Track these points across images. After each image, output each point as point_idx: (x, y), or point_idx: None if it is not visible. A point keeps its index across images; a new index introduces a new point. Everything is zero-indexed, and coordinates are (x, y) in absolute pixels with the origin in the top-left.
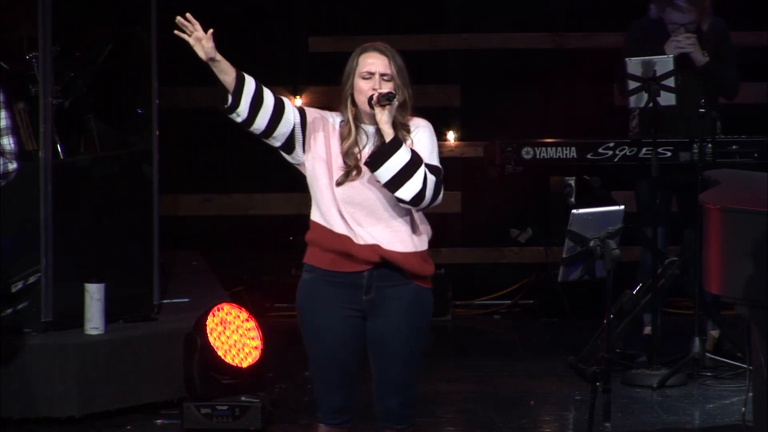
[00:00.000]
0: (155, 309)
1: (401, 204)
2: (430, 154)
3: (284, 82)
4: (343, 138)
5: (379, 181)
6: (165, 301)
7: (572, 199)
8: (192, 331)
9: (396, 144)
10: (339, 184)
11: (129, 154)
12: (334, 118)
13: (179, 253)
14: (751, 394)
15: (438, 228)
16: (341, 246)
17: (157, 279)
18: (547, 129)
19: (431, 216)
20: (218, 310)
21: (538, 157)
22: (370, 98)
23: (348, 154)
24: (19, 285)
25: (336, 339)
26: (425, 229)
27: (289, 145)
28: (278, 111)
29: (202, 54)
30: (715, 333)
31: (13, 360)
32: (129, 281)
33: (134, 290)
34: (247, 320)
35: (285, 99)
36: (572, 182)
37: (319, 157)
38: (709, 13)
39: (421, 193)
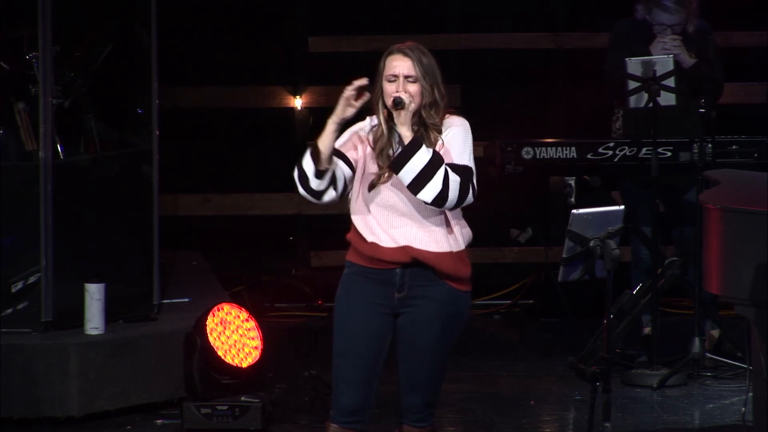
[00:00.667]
0: (155, 309)
1: (426, 205)
2: (460, 153)
3: (284, 82)
4: (375, 140)
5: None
6: (165, 301)
7: (572, 199)
8: (192, 331)
9: (415, 146)
10: (372, 186)
11: (129, 154)
12: (366, 125)
13: (179, 253)
14: (751, 394)
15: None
16: (371, 251)
17: (157, 279)
18: (547, 129)
19: None
20: (218, 310)
21: (538, 157)
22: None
23: (381, 156)
24: (19, 285)
25: (362, 333)
26: (462, 230)
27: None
28: (341, 180)
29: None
30: (715, 333)
31: (13, 360)
32: (129, 281)
33: (134, 290)
34: (247, 320)
35: (336, 160)
36: (572, 182)
37: (359, 167)
38: (695, 14)
39: (443, 194)
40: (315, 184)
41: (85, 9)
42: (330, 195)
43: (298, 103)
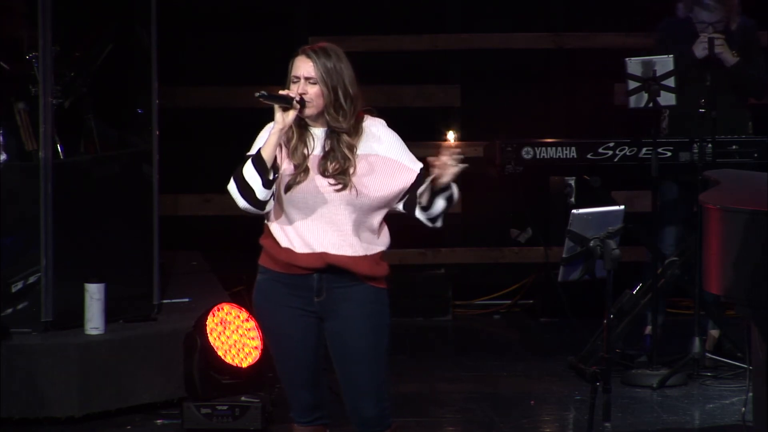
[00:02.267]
0: (155, 309)
1: (340, 207)
2: (412, 161)
3: (284, 82)
4: (288, 141)
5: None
6: (165, 301)
7: (572, 199)
8: (192, 331)
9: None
10: (288, 188)
11: (129, 154)
12: (272, 125)
13: (179, 253)
14: (751, 394)
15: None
16: (285, 257)
17: (157, 279)
18: (547, 129)
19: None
20: (218, 310)
21: (538, 157)
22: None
23: (295, 155)
24: (19, 285)
25: (292, 339)
26: (380, 232)
27: None
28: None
29: None
30: (715, 333)
31: (13, 360)
32: (129, 281)
33: (134, 290)
34: (247, 320)
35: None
36: (572, 182)
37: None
38: (738, 12)
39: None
40: (264, 194)
41: (85, 9)
42: (271, 203)
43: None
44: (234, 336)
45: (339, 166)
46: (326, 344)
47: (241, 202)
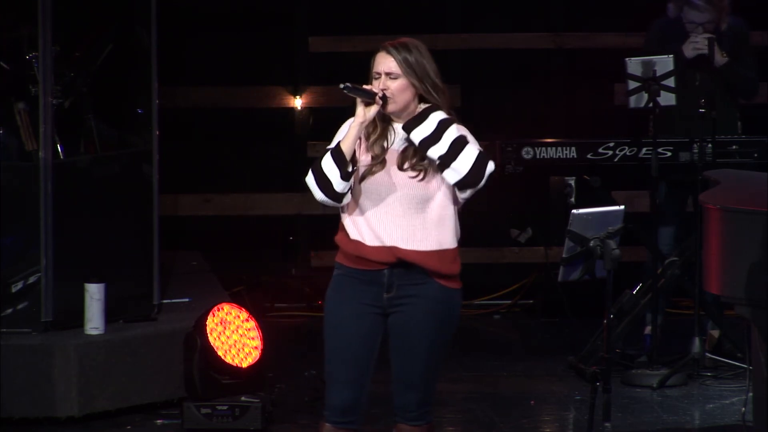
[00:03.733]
0: (155, 309)
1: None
2: (473, 142)
3: (284, 82)
4: (368, 134)
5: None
6: (165, 301)
7: (572, 199)
8: (192, 331)
9: (428, 110)
10: (363, 178)
11: (129, 154)
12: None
13: (179, 253)
14: (751, 394)
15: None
16: (355, 250)
17: (157, 279)
18: (547, 129)
19: None
20: (218, 310)
21: (538, 157)
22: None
23: (374, 146)
24: (19, 285)
25: (352, 332)
26: (453, 227)
27: None
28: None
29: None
30: (715, 333)
31: (13, 360)
32: (129, 281)
33: (134, 290)
34: (247, 320)
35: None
36: (572, 182)
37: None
38: (728, 12)
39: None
40: (341, 187)
41: (85, 9)
42: (348, 197)
43: (298, 103)
44: (234, 336)
45: (417, 159)
46: (383, 345)
47: (318, 195)
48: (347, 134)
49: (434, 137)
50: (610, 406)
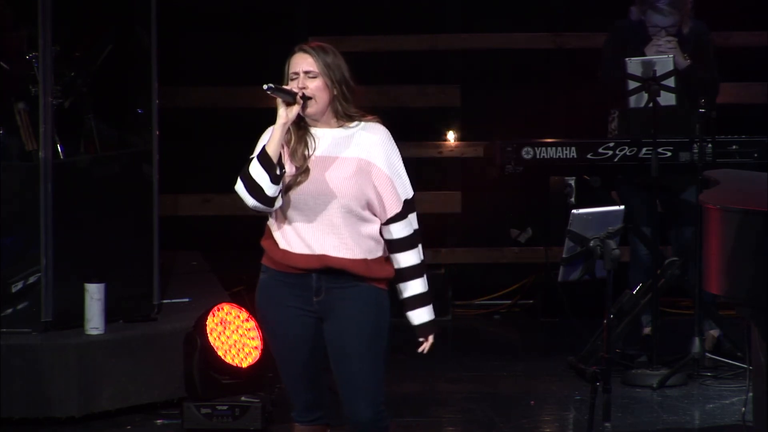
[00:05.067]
0: (155, 309)
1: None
2: (403, 183)
3: (284, 82)
4: (288, 142)
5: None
6: (165, 301)
7: (572, 199)
8: (192, 331)
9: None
10: (288, 189)
11: (129, 154)
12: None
13: (179, 253)
14: (751, 394)
15: (438, 228)
16: (283, 258)
17: (157, 279)
18: (547, 129)
19: (430, 216)
20: (218, 310)
21: (538, 157)
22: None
23: (295, 156)
24: (19, 285)
25: (292, 338)
26: (379, 238)
27: None
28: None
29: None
30: (715, 333)
31: (13, 360)
32: (129, 281)
33: (134, 290)
34: (247, 320)
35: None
36: (572, 182)
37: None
38: (690, 16)
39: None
40: (272, 191)
41: (85, 9)
42: (280, 200)
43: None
44: (234, 336)
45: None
46: (325, 344)
47: (251, 201)
48: (271, 137)
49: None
50: (610, 406)
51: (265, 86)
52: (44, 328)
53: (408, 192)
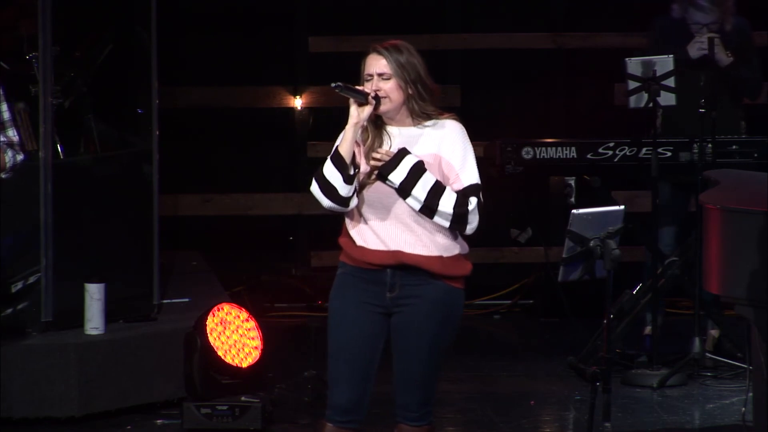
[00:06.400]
0: (155, 309)
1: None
2: (461, 166)
3: (284, 82)
4: (364, 141)
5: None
6: (165, 301)
7: (572, 199)
8: (192, 331)
9: (400, 154)
10: (362, 186)
11: (129, 154)
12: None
13: (179, 253)
14: (751, 394)
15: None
16: (359, 255)
17: (157, 279)
18: (547, 129)
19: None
20: (218, 310)
21: (538, 157)
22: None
23: (369, 155)
24: (19, 285)
25: (356, 332)
26: (456, 238)
27: None
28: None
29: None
30: (715, 333)
31: (13, 360)
32: (129, 281)
33: (134, 290)
34: (247, 320)
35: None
36: (572, 182)
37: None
38: (732, 13)
39: (426, 210)
40: (345, 191)
41: (85, 9)
42: (355, 200)
43: (298, 103)
44: (234, 336)
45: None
46: (385, 347)
47: (326, 202)
48: (344, 137)
49: (410, 182)
50: (610, 406)
51: (333, 84)
52: (44, 328)
53: (473, 178)
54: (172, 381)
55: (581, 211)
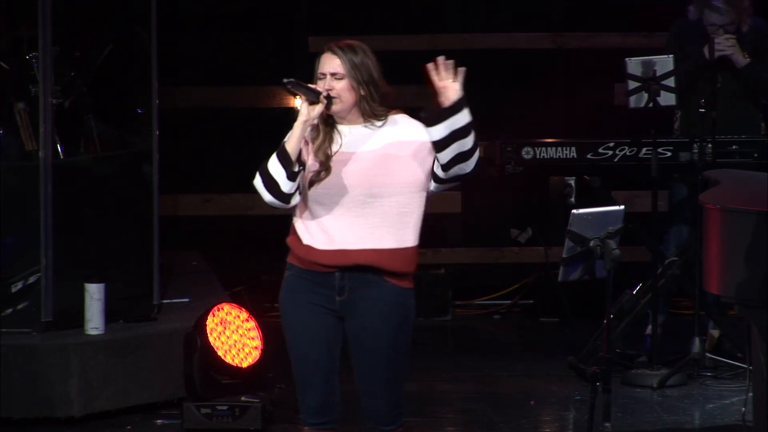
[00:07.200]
0: (155, 309)
1: (366, 201)
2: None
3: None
4: (314, 139)
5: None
6: (165, 301)
7: (572, 199)
8: (192, 331)
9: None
10: (311, 184)
11: (129, 154)
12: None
13: (179, 253)
14: (751, 394)
15: (438, 228)
16: (306, 254)
17: (157, 279)
18: (547, 129)
19: (430, 216)
20: (218, 310)
21: (538, 157)
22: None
23: (319, 152)
24: (19, 285)
25: (311, 337)
26: (410, 227)
27: None
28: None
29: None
30: (715, 333)
31: (13, 360)
32: (129, 281)
33: (134, 290)
34: (247, 320)
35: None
36: (572, 182)
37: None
38: (749, 14)
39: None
40: (288, 187)
41: (85, 9)
42: (297, 197)
43: (298, 103)
44: (234, 336)
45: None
46: (344, 346)
47: (267, 197)
48: (291, 134)
49: (466, 129)
50: (610, 406)
51: (285, 80)
52: (44, 328)
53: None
54: (172, 381)
55: (581, 211)
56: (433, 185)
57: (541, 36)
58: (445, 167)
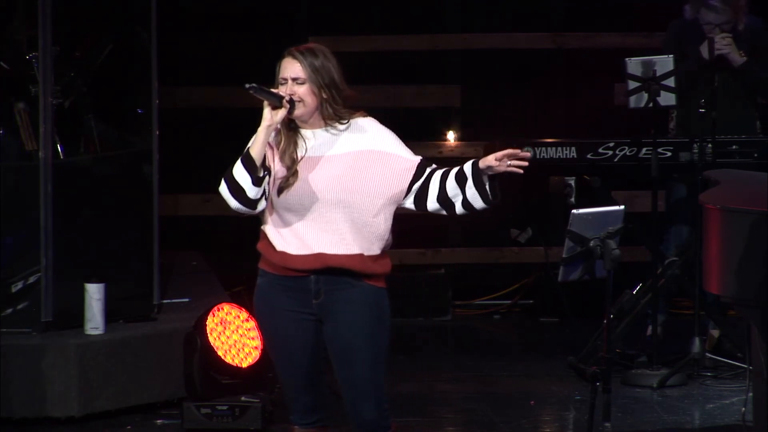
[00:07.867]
0: (155, 309)
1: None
2: (407, 151)
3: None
4: (278, 144)
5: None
6: (165, 301)
7: (572, 199)
8: (192, 331)
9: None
10: (280, 191)
11: (129, 154)
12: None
13: (179, 253)
14: (751, 394)
15: (438, 228)
16: (281, 260)
17: (157, 279)
18: (547, 129)
19: (430, 216)
20: (218, 310)
21: (538, 157)
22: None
23: (284, 157)
24: (19, 285)
25: (291, 343)
26: (381, 233)
27: None
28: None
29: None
30: (715, 333)
31: (13, 360)
32: (129, 281)
33: (134, 290)
34: (247, 320)
35: None
36: (572, 182)
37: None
38: (745, 12)
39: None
40: (253, 192)
41: (85, 9)
42: (263, 203)
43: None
44: (234, 336)
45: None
46: (325, 347)
47: (233, 203)
48: (255, 139)
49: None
50: (610, 406)
51: (247, 85)
52: (44, 328)
53: (414, 155)
54: (172, 381)
55: (581, 211)
56: (408, 202)
57: (541, 36)
58: (429, 206)
